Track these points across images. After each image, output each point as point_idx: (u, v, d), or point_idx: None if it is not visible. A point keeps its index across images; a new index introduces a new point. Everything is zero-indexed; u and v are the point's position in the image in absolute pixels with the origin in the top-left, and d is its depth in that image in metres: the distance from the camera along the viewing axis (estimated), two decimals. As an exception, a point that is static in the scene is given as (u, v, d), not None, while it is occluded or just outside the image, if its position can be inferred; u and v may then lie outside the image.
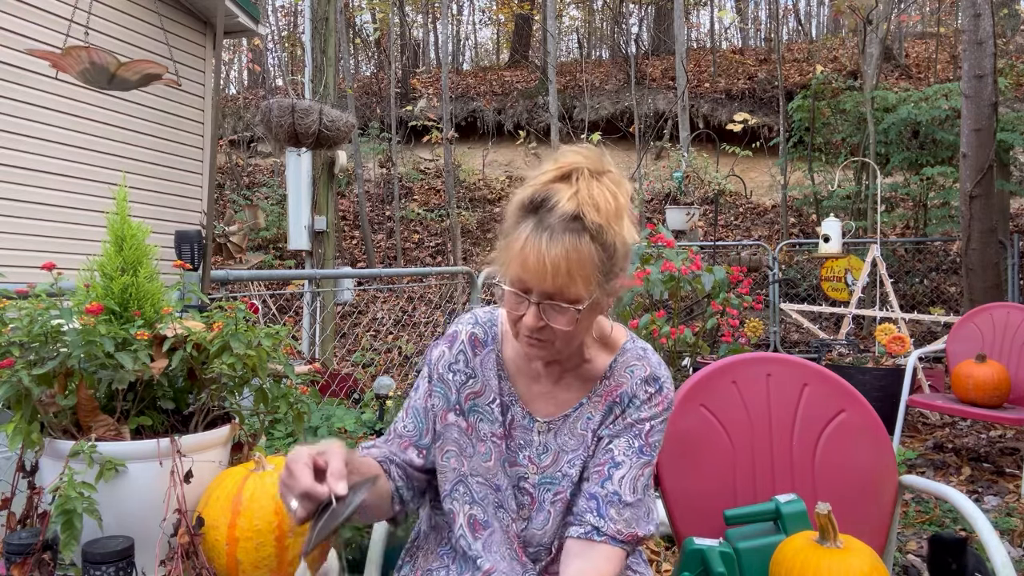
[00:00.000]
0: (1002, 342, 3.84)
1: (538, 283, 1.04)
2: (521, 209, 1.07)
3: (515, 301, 1.08)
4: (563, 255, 1.01)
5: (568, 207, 1.02)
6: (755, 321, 5.90)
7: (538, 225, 1.03)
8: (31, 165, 4.93)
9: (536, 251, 1.02)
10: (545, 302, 1.05)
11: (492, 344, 1.25)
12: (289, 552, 1.12)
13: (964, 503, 1.41)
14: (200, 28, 6.24)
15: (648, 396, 1.19)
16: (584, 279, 1.03)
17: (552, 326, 1.06)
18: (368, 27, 17.94)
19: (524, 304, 1.07)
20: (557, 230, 1.02)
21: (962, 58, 5.80)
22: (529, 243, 1.03)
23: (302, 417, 1.38)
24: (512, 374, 1.23)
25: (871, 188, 7.99)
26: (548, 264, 1.01)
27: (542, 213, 1.04)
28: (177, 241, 2.11)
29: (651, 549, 2.64)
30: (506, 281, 1.08)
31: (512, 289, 1.07)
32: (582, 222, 1.02)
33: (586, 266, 1.03)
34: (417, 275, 7.88)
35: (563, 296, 1.04)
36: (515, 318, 1.10)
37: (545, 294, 1.05)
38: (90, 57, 2.41)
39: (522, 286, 1.06)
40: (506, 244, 1.08)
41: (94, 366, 1.14)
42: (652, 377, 1.20)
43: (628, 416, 1.19)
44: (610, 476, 1.16)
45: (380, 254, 10.86)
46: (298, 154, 5.20)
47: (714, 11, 18.83)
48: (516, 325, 1.11)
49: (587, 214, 1.02)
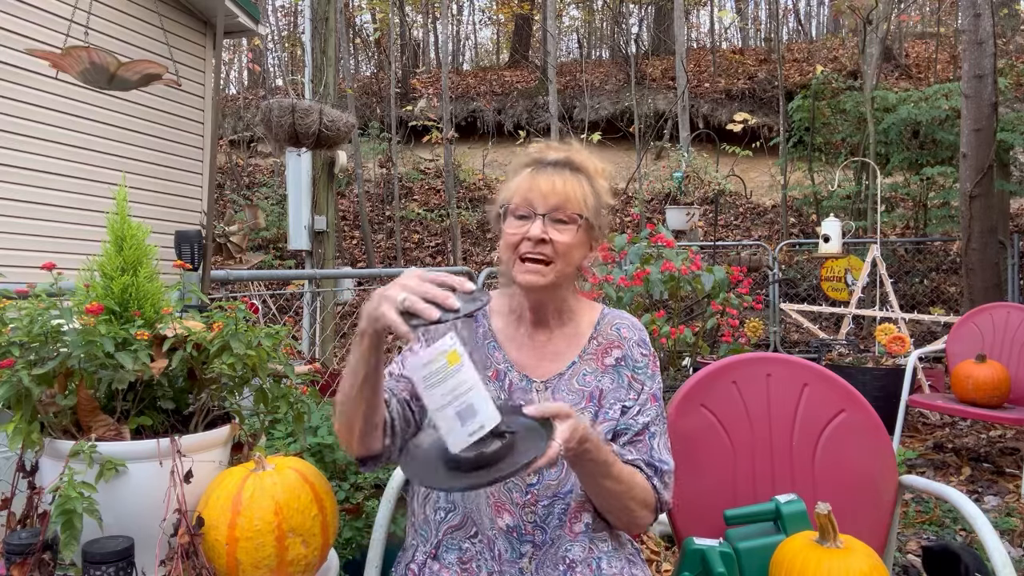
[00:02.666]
0: (1002, 342, 3.84)
1: (544, 199, 1.23)
2: (521, 164, 1.32)
3: (519, 223, 1.24)
4: (563, 179, 1.25)
5: (560, 156, 1.31)
6: (755, 321, 5.90)
7: (539, 166, 1.29)
8: (31, 165, 4.93)
9: (544, 176, 1.25)
10: (550, 214, 1.23)
11: (480, 319, 1.35)
12: (289, 552, 1.12)
13: (964, 503, 1.41)
14: (200, 28, 6.23)
15: (645, 360, 1.34)
16: (581, 199, 1.25)
17: (555, 239, 1.22)
18: (368, 27, 17.94)
19: (529, 221, 1.23)
20: (555, 167, 1.28)
21: (962, 58, 5.80)
22: (535, 174, 1.26)
23: (302, 417, 1.38)
24: (503, 343, 1.33)
25: (871, 188, 7.99)
26: (554, 182, 1.24)
27: (540, 162, 1.30)
28: (177, 241, 2.11)
29: (651, 549, 2.64)
30: (512, 206, 1.26)
31: (518, 211, 1.25)
32: (572, 164, 1.29)
33: (581, 189, 1.26)
34: (417, 275, 7.86)
35: (564, 210, 1.23)
36: (518, 239, 1.24)
37: (551, 207, 1.23)
38: (90, 57, 2.41)
39: (528, 207, 1.24)
40: (510, 186, 1.29)
41: (94, 366, 1.14)
42: (641, 340, 1.36)
43: (645, 388, 1.32)
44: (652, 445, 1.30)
45: (380, 254, 10.86)
46: (298, 154, 5.19)
47: (714, 11, 18.83)
48: (517, 249, 1.24)
49: (574, 159, 1.30)
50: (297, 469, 1.20)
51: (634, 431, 1.28)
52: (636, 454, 1.27)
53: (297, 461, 1.24)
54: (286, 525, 1.12)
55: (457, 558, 1.21)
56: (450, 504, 1.24)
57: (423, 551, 1.24)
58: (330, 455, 2.12)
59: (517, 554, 1.20)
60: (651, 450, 1.28)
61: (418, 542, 1.27)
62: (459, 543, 1.22)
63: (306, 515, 1.14)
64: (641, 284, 4.02)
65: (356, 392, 1.09)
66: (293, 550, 1.13)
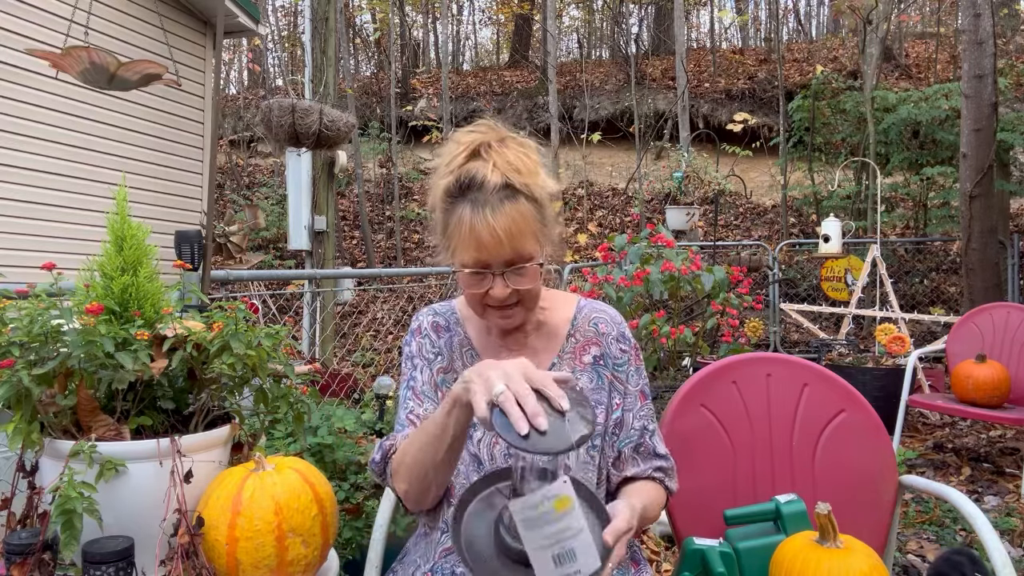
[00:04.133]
0: (1002, 342, 3.84)
1: (496, 255, 1.11)
2: (449, 196, 1.13)
3: (476, 280, 1.14)
4: (510, 222, 1.09)
5: (496, 179, 1.10)
6: (755, 321, 5.90)
7: (475, 204, 1.10)
8: (31, 165, 4.93)
9: (486, 227, 1.08)
10: (507, 270, 1.13)
11: (455, 328, 1.32)
12: (289, 552, 1.12)
13: (964, 503, 1.41)
14: (200, 28, 6.24)
15: (626, 356, 1.29)
16: (532, 236, 1.12)
17: (518, 289, 1.14)
18: (368, 27, 17.93)
19: (487, 279, 1.13)
20: (494, 202, 1.09)
21: (962, 58, 5.79)
22: (476, 222, 1.09)
23: (302, 417, 1.38)
24: (480, 352, 1.29)
25: (871, 188, 7.99)
26: (501, 234, 1.08)
27: (473, 192, 1.10)
28: (177, 241, 2.11)
29: (651, 549, 2.64)
30: (461, 265, 1.13)
31: (471, 270, 1.13)
32: (512, 187, 1.10)
33: (531, 223, 1.12)
34: (417, 275, 7.87)
35: (521, 258, 1.12)
36: (480, 296, 1.16)
37: (505, 262, 1.12)
38: (90, 57, 2.41)
39: (480, 264, 1.12)
40: (449, 233, 1.14)
41: (94, 366, 1.14)
42: (621, 335, 1.30)
43: (629, 385, 1.28)
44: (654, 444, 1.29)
45: (380, 254, 10.85)
46: (298, 154, 5.19)
47: (714, 11, 18.83)
48: (481, 303, 1.17)
49: (513, 179, 1.10)
50: (297, 469, 1.20)
51: (635, 440, 1.27)
52: (644, 463, 1.27)
53: (297, 461, 1.24)
54: (286, 525, 1.12)
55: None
56: (445, 525, 1.22)
57: (422, 570, 1.21)
58: (330, 455, 2.13)
59: None
60: (655, 449, 1.29)
61: (420, 560, 1.24)
62: (452, 568, 1.18)
63: (306, 515, 1.14)
64: (641, 284, 4.02)
65: (443, 455, 1.07)
66: (293, 550, 1.13)
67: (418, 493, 1.16)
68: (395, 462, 1.20)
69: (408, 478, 1.15)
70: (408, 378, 1.30)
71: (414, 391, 1.28)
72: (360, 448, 2.22)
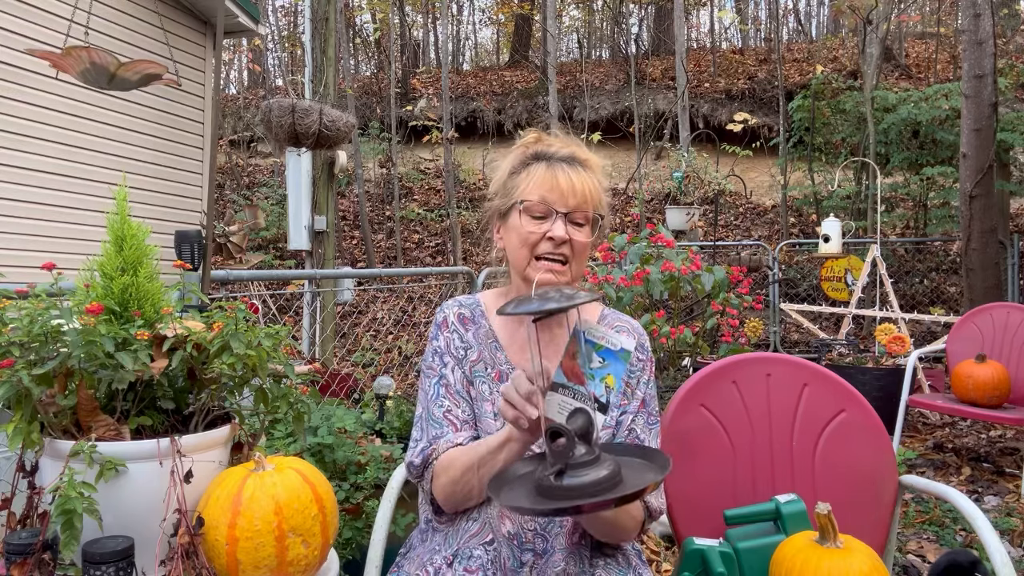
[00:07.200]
0: (1002, 342, 3.84)
1: (564, 200, 1.21)
2: (524, 159, 1.27)
3: (536, 222, 1.22)
4: (580, 178, 1.23)
5: (566, 151, 1.27)
6: (755, 321, 5.90)
7: (550, 163, 1.24)
8: (31, 165, 4.93)
9: (563, 174, 1.22)
10: (571, 214, 1.22)
11: (480, 320, 1.35)
12: (289, 552, 1.12)
13: (964, 503, 1.41)
14: (200, 28, 6.23)
15: (641, 364, 1.33)
16: (598, 199, 1.25)
17: (574, 239, 1.22)
18: (368, 27, 17.93)
19: (548, 220, 1.22)
20: (567, 164, 1.24)
21: (962, 58, 5.79)
22: (552, 170, 1.23)
23: (302, 417, 1.38)
24: (504, 344, 1.32)
25: (871, 188, 7.99)
26: (575, 183, 1.21)
27: (547, 158, 1.25)
28: (177, 241, 2.11)
29: (651, 549, 2.64)
30: (528, 204, 1.22)
31: (536, 210, 1.22)
32: (580, 160, 1.26)
33: (595, 188, 1.25)
34: (417, 275, 7.88)
35: (583, 211, 1.23)
36: (537, 238, 1.22)
37: (571, 208, 1.22)
38: (90, 57, 2.40)
39: (546, 205, 1.22)
40: (515, 181, 1.25)
41: (94, 366, 1.14)
42: (640, 344, 1.34)
43: (637, 391, 1.31)
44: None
45: (380, 254, 10.85)
46: (298, 154, 5.19)
47: (714, 11, 18.83)
48: (533, 250, 1.23)
49: (579, 155, 1.27)
50: (297, 469, 1.20)
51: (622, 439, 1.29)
52: None
53: (297, 461, 1.24)
54: (286, 525, 1.12)
55: (464, 568, 1.20)
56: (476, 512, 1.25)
57: (442, 556, 1.23)
58: (330, 455, 2.13)
59: (518, 563, 1.20)
60: None
61: (438, 547, 1.26)
62: (471, 550, 1.21)
63: (306, 515, 1.14)
64: (641, 284, 4.02)
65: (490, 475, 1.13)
66: (293, 550, 1.13)
67: (458, 501, 1.22)
68: (438, 468, 1.23)
69: (452, 488, 1.21)
70: (439, 375, 1.31)
71: (448, 389, 1.29)
72: (360, 448, 2.22)
